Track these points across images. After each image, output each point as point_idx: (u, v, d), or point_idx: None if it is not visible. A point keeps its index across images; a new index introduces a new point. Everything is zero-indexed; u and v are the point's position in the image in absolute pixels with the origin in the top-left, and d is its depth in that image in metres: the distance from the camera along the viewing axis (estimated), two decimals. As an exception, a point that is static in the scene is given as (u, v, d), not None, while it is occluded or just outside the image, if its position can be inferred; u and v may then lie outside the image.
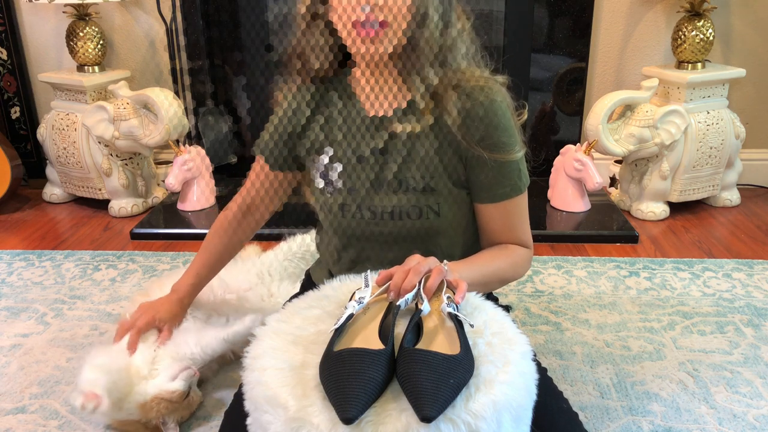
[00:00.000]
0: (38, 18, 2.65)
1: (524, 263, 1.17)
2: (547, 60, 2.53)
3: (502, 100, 1.08)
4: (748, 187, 2.65)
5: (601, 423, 1.35)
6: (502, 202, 1.12)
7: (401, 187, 1.11)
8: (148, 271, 2.05)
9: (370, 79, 1.11)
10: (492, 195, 1.11)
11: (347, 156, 1.13)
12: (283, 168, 1.22)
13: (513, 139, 1.09)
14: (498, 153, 1.07)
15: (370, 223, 1.13)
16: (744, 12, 2.49)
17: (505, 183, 1.10)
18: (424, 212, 1.11)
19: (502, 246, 1.16)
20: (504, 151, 1.07)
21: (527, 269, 1.19)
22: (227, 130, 2.66)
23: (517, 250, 1.15)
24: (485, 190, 1.11)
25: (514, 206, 1.13)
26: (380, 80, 1.10)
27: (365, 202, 1.12)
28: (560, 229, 2.25)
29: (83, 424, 1.37)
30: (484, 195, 1.12)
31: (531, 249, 1.18)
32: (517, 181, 1.11)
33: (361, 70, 1.12)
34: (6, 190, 2.50)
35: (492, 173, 1.09)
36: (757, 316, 1.73)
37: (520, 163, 1.11)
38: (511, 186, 1.11)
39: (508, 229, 1.15)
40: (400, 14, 1.01)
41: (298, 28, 1.10)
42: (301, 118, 1.17)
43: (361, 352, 0.83)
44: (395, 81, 1.10)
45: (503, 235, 1.15)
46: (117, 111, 2.36)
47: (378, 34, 1.01)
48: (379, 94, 1.11)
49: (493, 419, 0.78)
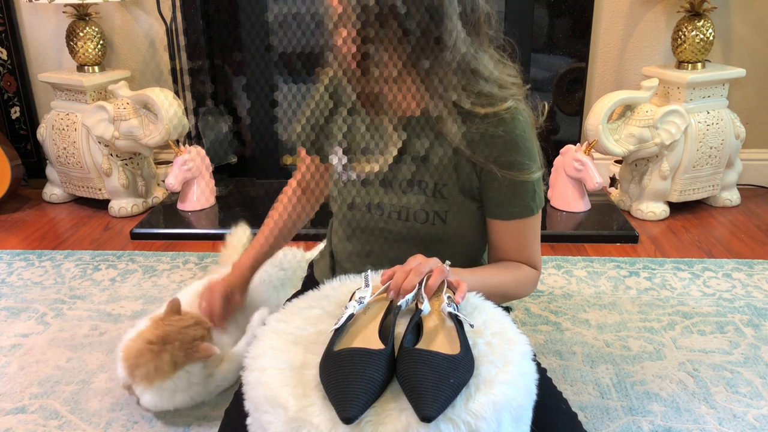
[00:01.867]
0: (38, 18, 2.65)
1: (530, 283, 1.16)
2: (547, 60, 2.53)
3: (525, 120, 1.07)
4: (748, 187, 2.65)
5: (601, 423, 1.35)
6: (513, 220, 1.11)
7: (412, 189, 1.11)
8: (148, 271, 2.05)
9: (393, 84, 1.09)
10: (504, 212, 1.11)
11: (365, 149, 1.13)
12: (318, 152, 1.24)
13: (531, 160, 1.07)
14: (514, 172, 1.06)
15: (377, 219, 1.13)
16: (744, 12, 2.49)
17: (518, 202, 1.09)
18: (431, 217, 1.10)
19: (509, 263, 1.15)
20: (520, 170, 1.06)
21: (532, 289, 1.18)
22: (227, 130, 2.66)
23: (524, 269, 1.15)
24: (497, 206, 1.11)
25: (525, 226, 1.12)
26: (404, 86, 1.08)
27: (376, 198, 1.13)
28: (560, 229, 2.25)
29: (83, 424, 1.37)
30: (496, 211, 1.11)
31: (539, 271, 1.18)
32: (530, 202, 1.10)
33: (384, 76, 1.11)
34: (6, 190, 2.50)
35: (506, 190, 1.08)
36: (757, 316, 1.73)
37: (536, 185, 1.10)
38: (524, 206, 1.10)
39: (518, 247, 1.14)
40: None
41: (330, 20, 1.08)
42: (329, 105, 1.18)
43: (361, 352, 0.83)
44: (419, 86, 1.07)
45: (512, 253, 1.15)
46: (117, 111, 2.36)
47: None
48: (407, 95, 1.10)
49: (493, 419, 0.78)
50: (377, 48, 1.01)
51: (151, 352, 1.27)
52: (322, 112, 1.20)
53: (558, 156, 2.38)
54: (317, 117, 1.20)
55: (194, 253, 2.16)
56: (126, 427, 1.36)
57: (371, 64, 1.03)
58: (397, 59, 1.02)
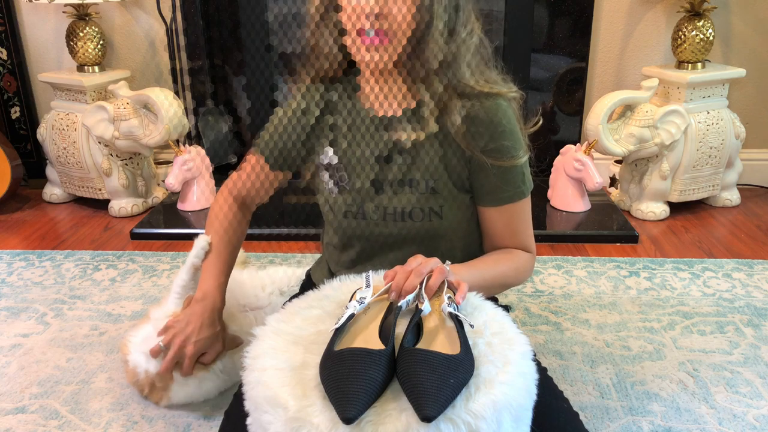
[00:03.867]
0: (38, 18, 2.65)
1: (527, 268, 1.16)
2: (547, 60, 2.53)
3: (507, 105, 1.08)
4: (748, 187, 2.65)
5: (601, 423, 1.35)
6: (505, 205, 1.12)
7: (404, 190, 1.11)
8: (148, 271, 2.05)
9: (375, 85, 1.11)
10: (495, 198, 1.11)
11: (354, 156, 1.13)
12: (283, 168, 1.22)
13: (518, 144, 1.08)
14: (502, 159, 1.07)
15: (372, 224, 1.13)
16: (744, 12, 2.49)
17: (508, 187, 1.10)
18: (427, 214, 1.11)
19: (505, 250, 1.16)
20: (508, 156, 1.07)
21: (530, 274, 1.18)
22: (227, 130, 2.66)
23: (520, 255, 1.15)
24: (489, 194, 1.11)
25: (518, 210, 1.13)
26: (385, 86, 1.10)
27: (369, 203, 1.12)
28: (560, 229, 2.25)
29: (83, 424, 1.37)
30: (487, 198, 1.12)
31: (534, 254, 1.18)
32: (521, 185, 1.11)
33: (365, 77, 1.12)
34: (6, 190, 2.50)
35: (495, 177, 1.09)
36: (757, 316, 1.73)
37: (524, 168, 1.11)
38: (515, 190, 1.11)
39: (511, 233, 1.15)
40: (405, 23, 1.00)
41: (308, 28, 1.09)
42: (310, 118, 1.17)
43: (361, 352, 0.83)
44: (401, 86, 1.10)
45: (506, 240, 1.15)
46: (117, 111, 2.36)
47: (383, 41, 1.01)
48: (388, 95, 1.11)
49: (493, 419, 0.78)
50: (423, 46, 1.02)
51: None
52: (296, 129, 1.17)
53: (558, 156, 2.38)
54: (290, 133, 1.18)
55: (194, 253, 2.16)
56: (126, 427, 1.36)
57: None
58: (392, 51, 1.02)
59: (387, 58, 1.02)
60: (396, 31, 1.01)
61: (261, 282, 1.57)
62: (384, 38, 1.00)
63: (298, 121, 1.18)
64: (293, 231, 1.79)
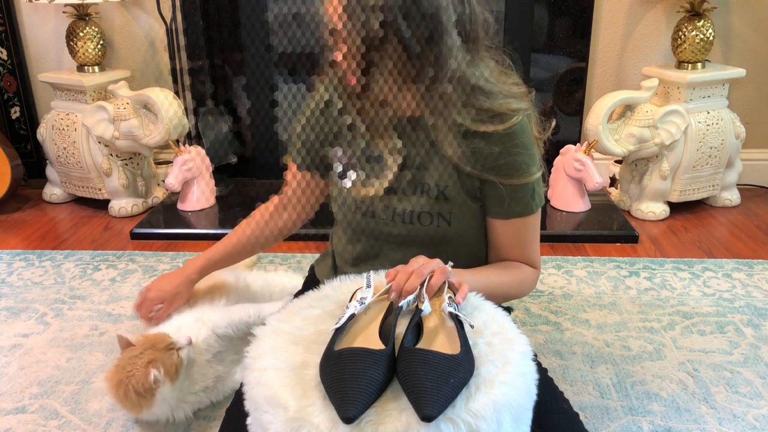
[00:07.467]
0: (38, 18, 2.65)
1: (530, 283, 1.16)
2: (547, 60, 2.53)
3: (525, 119, 1.06)
4: (748, 187, 2.65)
5: (601, 423, 1.35)
6: (512, 219, 1.11)
7: (416, 192, 1.11)
8: (148, 271, 2.05)
9: (392, 86, 1.08)
10: (504, 211, 1.11)
11: (368, 153, 1.13)
12: (310, 168, 1.22)
13: (531, 161, 1.07)
14: (514, 175, 1.06)
15: (381, 223, 1.13)
16: (744, 12, 2.49)
17: (518, 202, 1.10)
18: (435, 219, 1.10)
19: (509, 263, 1.16)
20: (520, 172, 1.07)
21: (532, 289, 1.18)
22: (227, 130, 2.66)
23: (524, 269, 1.15)
24: (497, 206, 1.11)
25: (525, 225, 1.13)
26: (403, 101, 1.08)
27: (379, 202, 1.12)
28: (560, 229, 2.25)
29: (83, 424, 1.37)
30: (496, 210, 1.11)
31: (539, 269, 1.18)
32: (530, 201, 1.10)
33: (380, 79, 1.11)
34: (6, 190, 2.50)
35: (505, 191, 1.08)
36: (757, 316, 1.73)
37: (536, 184, 1.10)
38: (524, 206, 1.10)
39: (517, 246, 1.14)
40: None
41: (329, 36, 1.08)
42: (333, 111, 1.16)
43: (361, 352, 0.83)
44: (418, 102, 1.07)
45: (511, 252, 1.15)
46: (117, 111, 2.36)
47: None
48: (407, 95, 1.09)
49: (493, 419, 0.78)
50: (377, 65, 1.00)
51: (116, 395, 1.27)
52: (319, 122, 1.17)
53: (558, 156, 2.38)
54: (316, 132, 1.17)
55: (194, 253, 2.15)
56: (126, 427, 1.36)
57: (372, 81, 1.02)
58: (397, 75, 1.01)
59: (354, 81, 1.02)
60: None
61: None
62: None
63: (321, 114, 1.17)
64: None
